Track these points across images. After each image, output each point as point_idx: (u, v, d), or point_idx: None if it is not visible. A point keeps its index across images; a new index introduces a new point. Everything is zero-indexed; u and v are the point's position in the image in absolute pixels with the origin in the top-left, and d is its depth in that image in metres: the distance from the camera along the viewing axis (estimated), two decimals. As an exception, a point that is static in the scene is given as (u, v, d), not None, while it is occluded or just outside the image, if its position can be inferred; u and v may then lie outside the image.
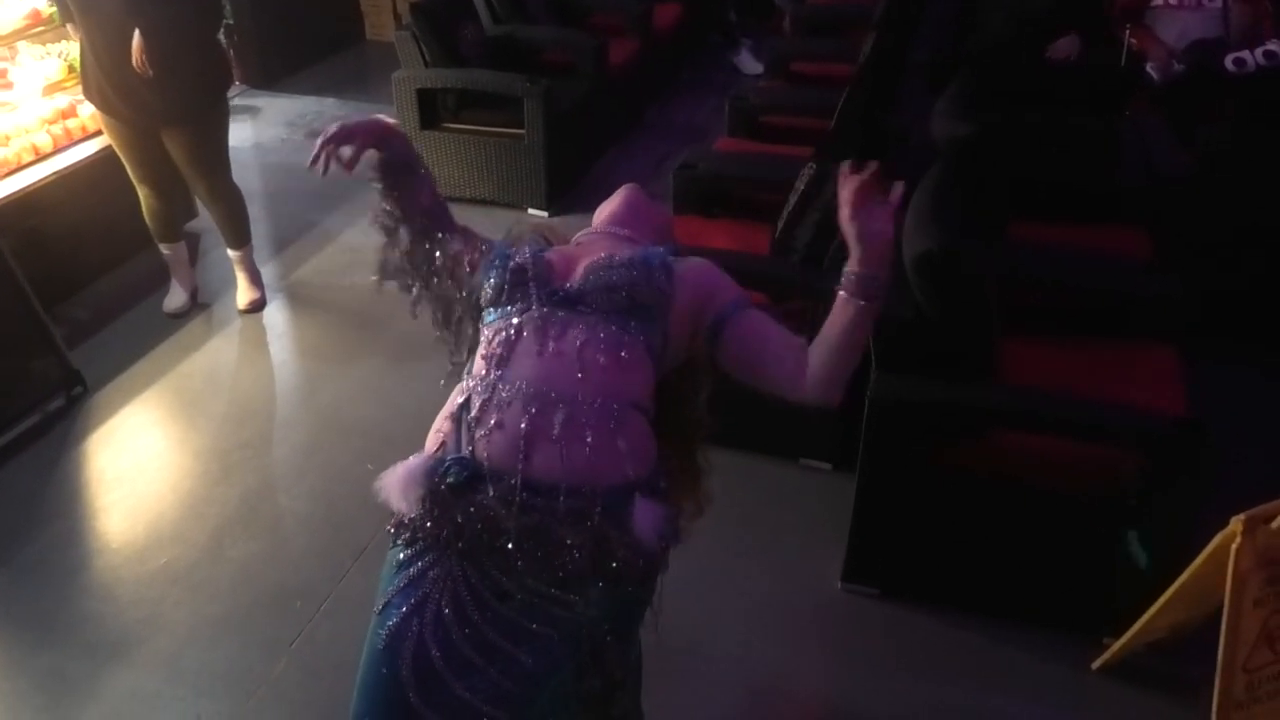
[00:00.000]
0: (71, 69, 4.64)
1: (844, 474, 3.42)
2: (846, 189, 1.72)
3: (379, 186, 2.10)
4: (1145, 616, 2.55)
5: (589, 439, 1.75)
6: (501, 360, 1.84)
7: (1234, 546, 2.16)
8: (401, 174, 2.09)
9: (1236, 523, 2.16)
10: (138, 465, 3.66)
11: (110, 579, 3.20)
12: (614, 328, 1.87)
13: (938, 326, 2.87)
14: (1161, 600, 2.48)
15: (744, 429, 3.30)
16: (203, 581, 3.18)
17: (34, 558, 3.27)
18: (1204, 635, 2.40)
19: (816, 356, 1.85)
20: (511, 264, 1.96)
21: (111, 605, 3.10)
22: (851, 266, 1.76)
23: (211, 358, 4.29)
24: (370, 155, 2.07)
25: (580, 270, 1.96)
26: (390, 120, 2.09)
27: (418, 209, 2.10)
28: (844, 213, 1.73)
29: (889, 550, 3.08)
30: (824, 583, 3.15)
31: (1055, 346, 3.27)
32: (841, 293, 1.78)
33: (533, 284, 1.93)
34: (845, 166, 1.74)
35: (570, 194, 5.59)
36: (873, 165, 1.73)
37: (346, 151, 2.01)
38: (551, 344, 1.83)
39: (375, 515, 3.27)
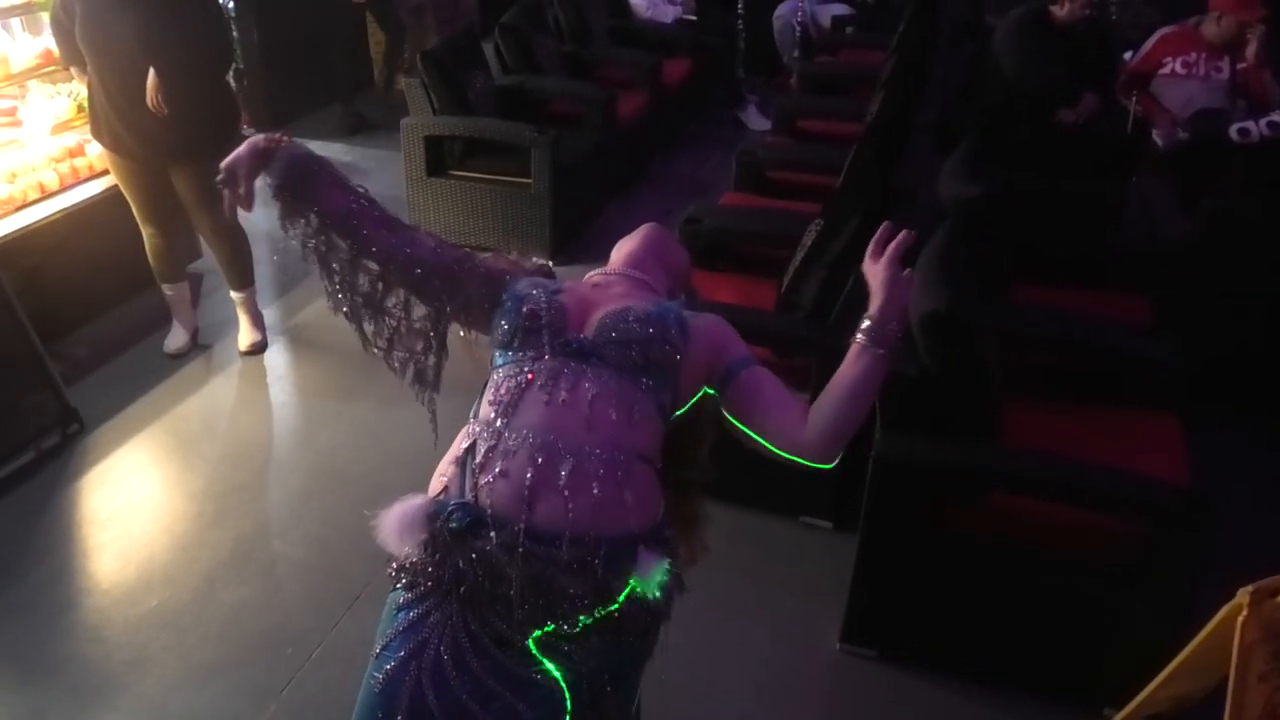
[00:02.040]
0: (81, 108, 4.66)
1: (844, 533, 3.40)
2: (874, 241, 1.86)
3: (281, 213, 1.98)
4: (1148, 689, 2.50)
5: (595, 490, 1.72)
6: (509, 407, 1.81)
7: (1240, 619, 2.12)
8: (302, 183, 1.96)
9: (1243, 595, 2.13)
10: (131, 505, 3.63)
11: (99, 620, 3.16)
12: (627, 384, 1.84)
13: (942, 386, 2.85)
14: (1165, 672, 2.44)
15: (744, 485, 3.28)
16: (192, 625, 3.14)
17: (22, 596, 3.23)
18: (1207, 709, 2.36)
19: (822, 410, 1.86)
20: (525, 309, 1.92)
21: (99, 647, 3.06)
22: (871, 313, 1.84)
23: (210, 399, 4.27)
24: (263, 182, 1.98)
25: (595, 321, 1.93)
26: (265, 137, 1.97)
27: (337, 214, 1.97)
28: (868, 261, 1.84)
29: (889, 612, 3.04)
30: (822, 643, 3.11)
31: (1058, 410, 3.25)
32: (856, 341, 1.84)
33: (546, 331, 1.89)
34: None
35: (575, 243, 5.62)
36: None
37: (240, 189, 1.95)
38: (563, 394, 1.80)
39: (370, 563, 3.27)
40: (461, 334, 2.09)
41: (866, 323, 1.83)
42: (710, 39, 7.75)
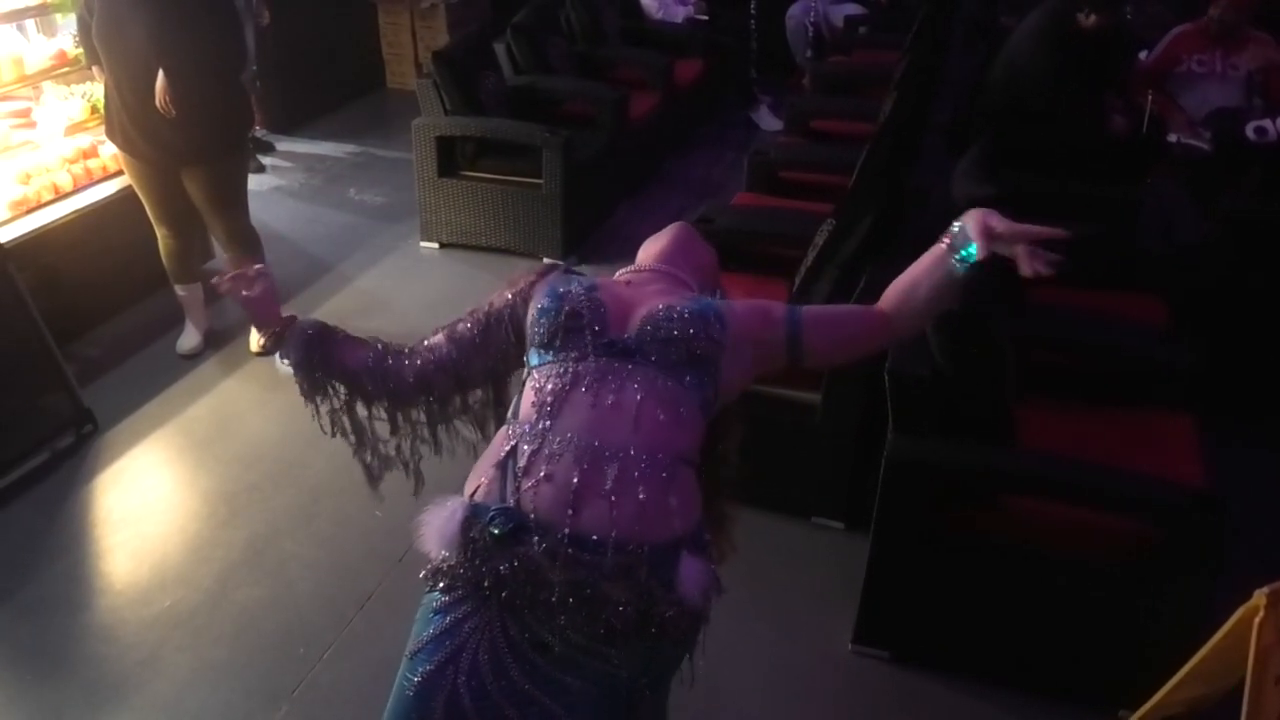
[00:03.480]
0: (95, 109, 4.68)
1: (856, 534, 3.39)
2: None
3: (305, 390, 2.18)
4: (1162, 691, 2.49)
5: (641, 494, 1.72)
6: (553, 409, 1.80)
7: (1257, 621, 2.10)
8: (321, 349, 2.13)
9: (1260, 596, 2.11)
10: (145, 505, 3.64)
11: (113, 620, 3.17)
12: (672, 382, 1.84)
13: (956, 387, 2.84)
14: (1180, 674, 2.42)
15: (755, 486, 3.27)
16: (205, 625, 3.14)
17: (37, 596, 3.24)
18: (1224, 712, 2.34)
19: (907, 305, 2.00)
20: (566, 307, 1.91)
21: (113, 647, 3.07)
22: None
23: (223, 399, 4.28)
24: (286, 361, 2.13)
25: (637, 320, 1.91)
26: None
27: (362, 368, 2.10)
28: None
29: (901, 614, 3.03)
30: (833, 644, 3.10)
31: (1072, 412, 3.24)
32: (944, 242, 1.97)
33: (588, 331, 1.88)
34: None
35: (586, 244, 5.61)
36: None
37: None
38: (610, 397, 1.80)
39: (381, 563, 3.28)
40: None
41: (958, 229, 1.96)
42: (722, 39, 7.73)
